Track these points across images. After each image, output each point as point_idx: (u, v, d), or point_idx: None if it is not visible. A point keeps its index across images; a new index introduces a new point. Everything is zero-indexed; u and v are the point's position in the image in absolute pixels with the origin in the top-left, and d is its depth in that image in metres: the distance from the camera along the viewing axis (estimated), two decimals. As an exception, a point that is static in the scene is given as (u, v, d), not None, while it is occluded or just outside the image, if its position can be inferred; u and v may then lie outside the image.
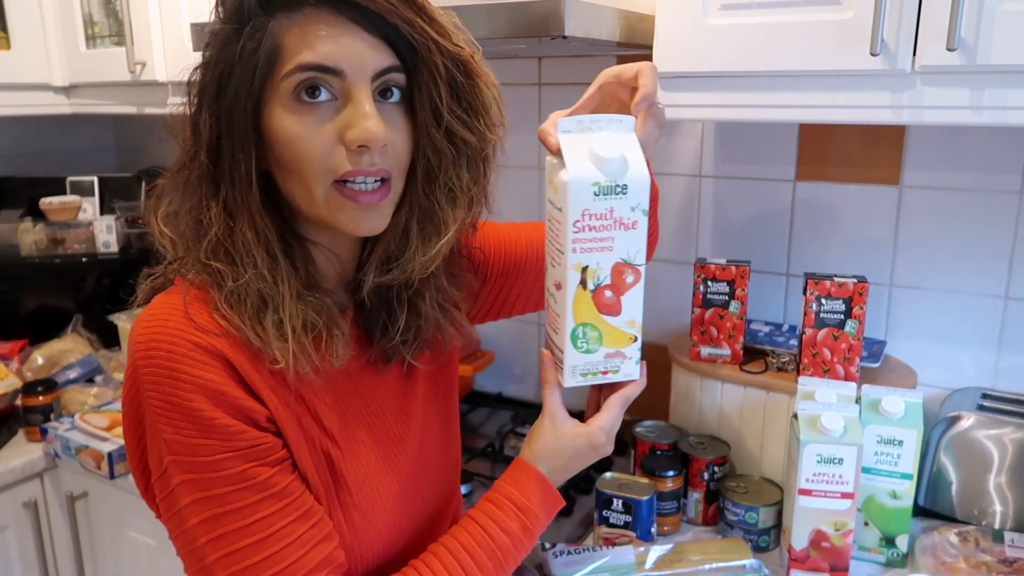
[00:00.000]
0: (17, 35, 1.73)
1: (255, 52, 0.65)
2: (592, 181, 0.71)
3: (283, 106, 0.66)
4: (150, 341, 0.66)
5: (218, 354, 0.66)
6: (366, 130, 0.66)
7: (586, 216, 0.72)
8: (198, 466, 0.65)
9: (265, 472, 0.67)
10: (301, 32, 0.65)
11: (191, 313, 0.67)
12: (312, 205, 0.69)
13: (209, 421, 0.65)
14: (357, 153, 0.67)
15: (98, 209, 1.97)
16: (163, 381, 0.65)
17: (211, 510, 0.66)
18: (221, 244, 0.68)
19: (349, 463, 0.75)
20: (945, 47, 0.89)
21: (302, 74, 0.65)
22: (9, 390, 1.58)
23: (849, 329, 1.18)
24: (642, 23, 1.14)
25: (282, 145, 0.67)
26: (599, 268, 0.74)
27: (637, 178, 0.72)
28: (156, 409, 0.66)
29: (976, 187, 1.25)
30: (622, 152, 0.71)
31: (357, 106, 0.66)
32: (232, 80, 0.66)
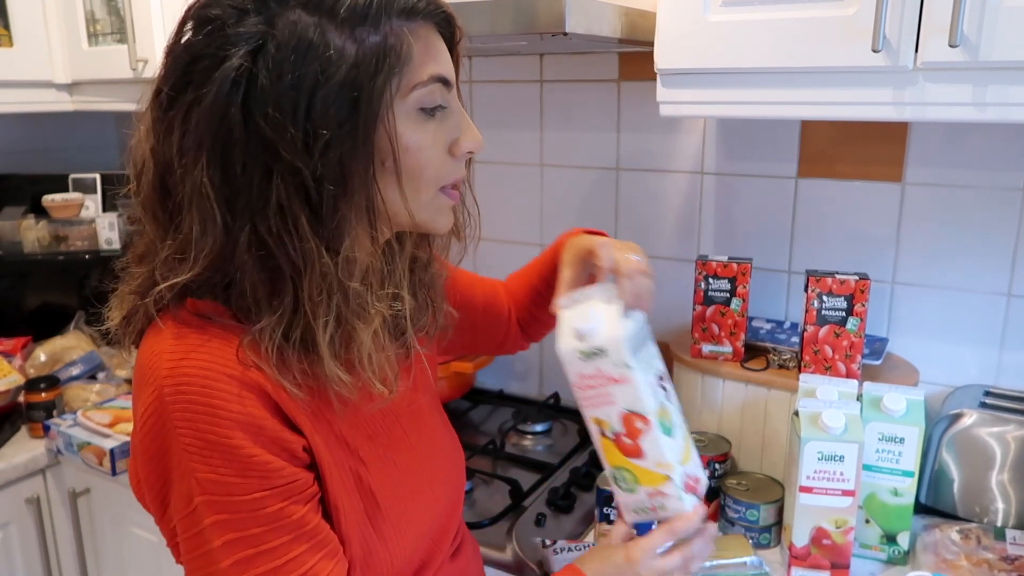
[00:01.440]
0: (19, 32, 1.73)
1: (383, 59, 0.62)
2: (576, 349, 0.81)
3: (406, 114, 0.65)
4: (179, 374, 0.62)
5: (255, 385, 0.63)
6: (479, 140, 0.71)
7: (581, 378, 0.83)
8: (234, 505, 0.63)
9: (299, 511, 0.66)
10: (425, 44, 0.66)
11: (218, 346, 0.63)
12: (417, 210, 0.69)
13: (248, 459, 0.62)
14: (462, 160, 0.71)
15: (100, 206, 1.97)
16: (198, 417, 0.61)
17: (244, 551, 0.64)
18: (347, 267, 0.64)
19: (376, 479, 0.75)
20: (947, 43, 0.89)
21: (433, 85, 0.66)
22: (12, 387, 1.59)
23: (851, 326, 1.18)
24: (643, 20, 1.14)
25: (408, 153, 0.66)
26: (610, 419, 0.83)
27: (611, 339, 0.80)
28: (188, 447, 0.62)
29: (979, 184, 1.25)
30: (597, 320, 0.82)
31: (465, 117, 0.71)
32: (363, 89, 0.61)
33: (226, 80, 0.60)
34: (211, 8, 0.62)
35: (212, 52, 0.61)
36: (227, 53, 0.60)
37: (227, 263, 0.64)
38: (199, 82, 0.61)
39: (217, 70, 0.60)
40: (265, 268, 0.63)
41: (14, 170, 2.08)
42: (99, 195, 1.97)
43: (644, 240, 1.56)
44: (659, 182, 1.52)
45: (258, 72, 0.60)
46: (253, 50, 0.60)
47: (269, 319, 0.64)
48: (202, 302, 0.67)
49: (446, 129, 0.69)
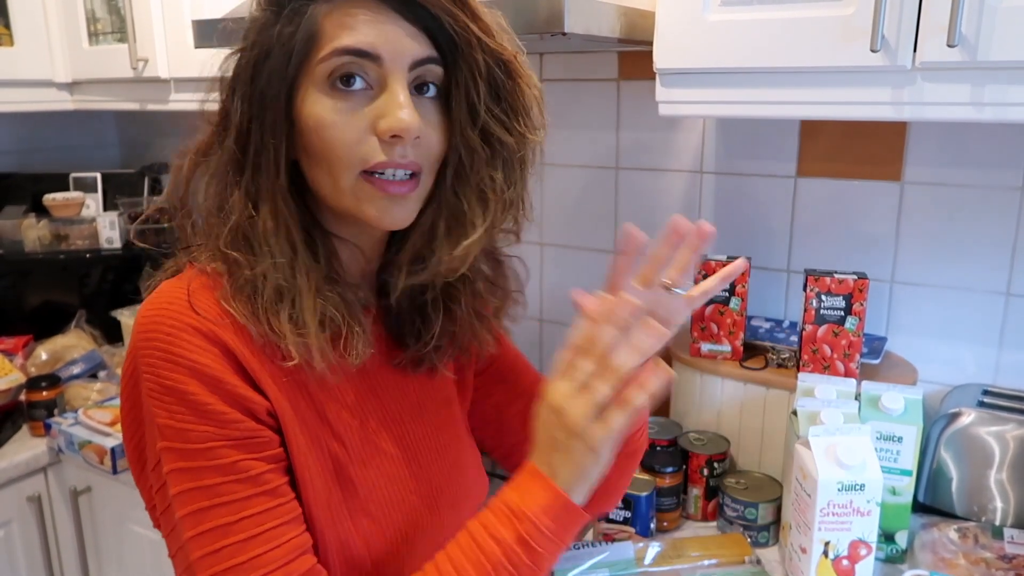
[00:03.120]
0: (20, 32, 1.73)
1: (292, 35, 0.64)
2: (837, 480, 0.96)
3: (317, 91, 0.65)
4: (151, 323, 0.64)
5: (217, 340, 0.64)
6: (400, 120, 0.64)
7: (830, 504, 0.97)
8: (189, 453, 0.63)
9: (259, 467, 0.64)
10: (341, 16, 0.64)
11: (194, 298, 0.65)
12: (338, 195, 0.67)
13: (203, 406, 0.63)
14: (389, 144, 0.65)
15: (101, 205, 1.97)
16: (159, 364, 0.63)
17: (199, 502, 0.63)
18: (241, 232, 0.67)
19: (358, 467, 0.72)
20: (946, 43, 0.89)
21: (339, 58, 0.64)
22: (13, 385, 1.59)
23: (849, 325, 1.18)
24: (643, 19, 1.14)
25: (312, 131, 0.65)
26: (839, 543, 0.99)
27: (874, 479, 0.97)
28: (151, 392, 0.64)
29: (977, 183, 1.25)
30: (863, 456, 0.97)
31: (392, 95, 0.65)
32: (268, 63, 0.65)
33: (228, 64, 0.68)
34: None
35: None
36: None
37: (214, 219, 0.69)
38: None
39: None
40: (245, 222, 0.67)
41: (15, 169, 2.08)
42: (100, 194, 1.97)
43: (644, 239, 1.56)
44: (658, 181, 1.52)
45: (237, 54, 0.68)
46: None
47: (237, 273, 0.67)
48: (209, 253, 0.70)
49: (374, 108, 0.65)
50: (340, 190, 0.67)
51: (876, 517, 0.98)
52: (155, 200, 2.01)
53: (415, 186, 0.69)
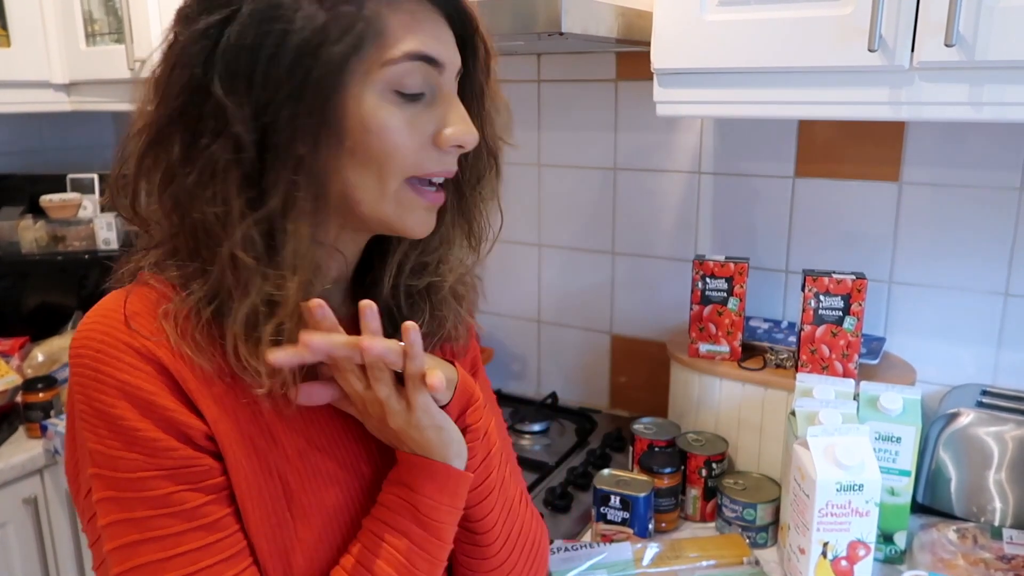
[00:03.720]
0: (17, 33, 1.73)
1: (351, 26, 0.58)
2: (836, 480, 0.96)
3: (377, 93, 0.61)
4: (82, 339, 0.59)
5: (152, 358, 0.59)
6: (467, 132, 0.64)
7: (829, 505, 0.97)
8: (120, 483, 0.58)
9: (196, 499, 0.59)
10: (409, 17, 0.61)
11: (130, 311, 0.60)
12: (379, 200, 0.63)
13: (134, 432, 0.58)
14: (447, 153, 0.65)
15: (98, 206, 1.97)
16: (88, 384, 0.58)
17: (129, 535, 0.58)
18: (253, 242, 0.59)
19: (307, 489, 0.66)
20: (943, 43, 0.89)
21: (410, 63, 0.61)
22: (9, 387, 1.59)
23: (848, 326, 1.18)
24: (640, 20, 1.14)
25: (371, 134, 0.61)
26: (838, 544, 0.99)
27: (873, 479, 0.97)
28: (82, 414, 0.59)
29: (976, 184, 1.25)
30: (862, 457, 0.97)
31: (453, 106, 0.64)
32: (319, 57, 0.58)
33: (195, 35, 0.59)
34: None
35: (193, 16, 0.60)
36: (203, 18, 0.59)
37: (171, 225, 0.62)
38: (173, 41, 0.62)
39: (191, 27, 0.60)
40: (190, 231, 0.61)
41: (12, 170, 2.08)
42: (97, 195, 1.97)
43: (642, 239, 1.56)
44: (656, 182, 1.52)
45: (225, 32, 0.58)
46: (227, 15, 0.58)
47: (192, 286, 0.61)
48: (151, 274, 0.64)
49: (433, 116, 0.64)
50: (384, 196, 0.64)
51: (875, 518, 0.97)
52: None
53: (445, 195, 0.69)
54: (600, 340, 1.66)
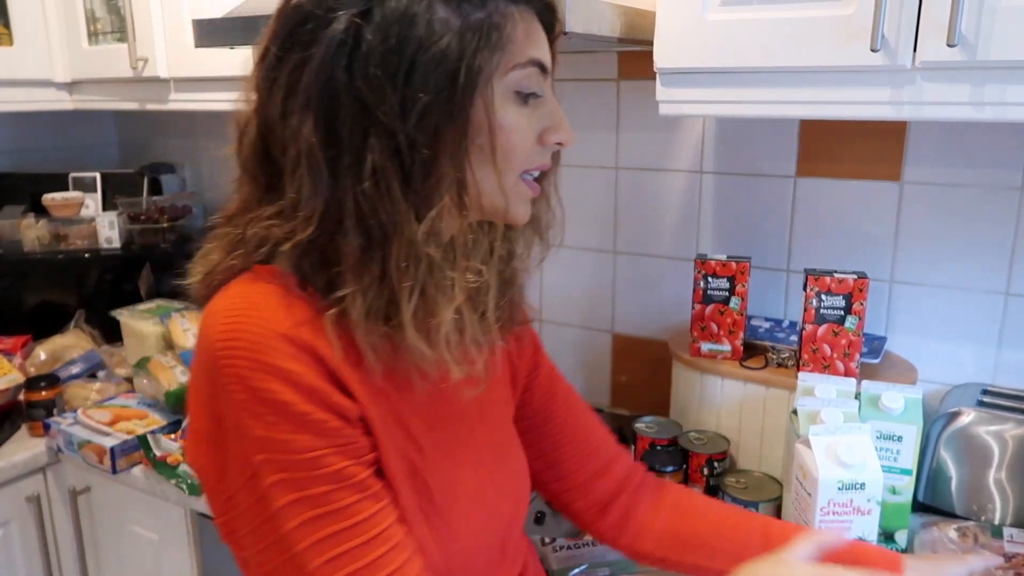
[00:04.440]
0: (19, 31, 1.73)
1: (486, 35, 0.63)
2: (837, 478, 0.96)
3: (505, 93, 0.66)
4: (233, 331, 0.61)
5: (307, 347, 0.62)
6: (570, 133, 0.72)
7: (830, 504, 0.97)
8: (293, 464, 0.61)
9: (361, 472, 0.64)
10: (525, 27, 0.67)
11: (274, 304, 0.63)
12: (495, 194, 0.68)
13: (303, 416, 0.61)
14: (549, 150, 0.72)
15: (100, 205, 1.97)
16: (249, 375, 0.60)
17: (309, 511, 0.61)
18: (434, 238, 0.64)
19: (434, 473, 0.71)
20: (945, 43, 0.89)
21: (531, 68, 0.67)
22: (12, 385, 1.59)
23: (849, 325, 1.18)
24: (643, 19, 1.14)
25: (501, 132, 0.66)
26: None
27: (875, 479, 0.96)
28: (242, 404, 0.60)
29: (977, 183, 1.25)
30: (863, 455, 0.97)
31: (556, 108, 0.71)
32: (462, 61, 0.62)
33: (333, 41, 0.61)
34: None
35: (320, 14, 0.62)
36: (334, 15, 0.61)
37: (331, 225, 0.63)
38: (306, 43, 0.63)
39: (324, 31, 0.61)
40: (359, 232, 0.63)
41: (14, 169, 2.08)
42: (99, 194, 1.97)
43: (643, 239, 1.56)
44: (658, 181, 1.52)
45: (363, 35, 0.61)
46: (360, 13, 0.61)
47: (356, 284, 0.63)
48: (271, 267, 0.67)
49: (538, 117, 0.70)
50: (502, 189, 0.69)
51: (876, 516, 0.98)
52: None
53: None
54: (601, 339, 1.66)
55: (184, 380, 1.54)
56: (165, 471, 1.41)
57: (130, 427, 1.51)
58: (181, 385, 1.53)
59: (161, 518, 1.49)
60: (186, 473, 1.40)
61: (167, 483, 1.40)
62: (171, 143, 2.23)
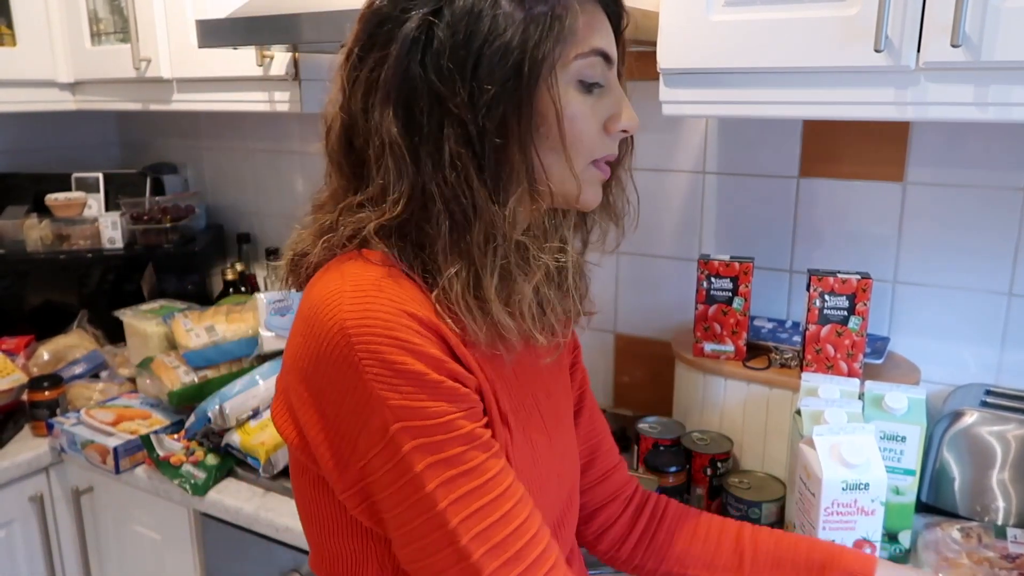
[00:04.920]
0: (23, 32, 1.74)
1: (549, 26, 0.66)
2: (841, 479, 0.97)
3: (569, 82, 0.68)
4: (364, 311, 0.64)
5: (432, 326, 0.66)
6: (635, 120, 0.73)
7: (835, 504, 0.97)
8: (430, 429, 0.65)
9: (486, 433, 0.68)
10: (588, 18, 0.69)
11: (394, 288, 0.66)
12: (568, 180, 0.71)
13: (437, 383, 0.65)
14: (615, 138, 0.73)
15: (103, 205, 1.97)
16: (384, 349, 0.63)
17: (447, 471, 0.65)
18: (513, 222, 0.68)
19: (516, 448, 0.75)
20: (949, 43, 0.89)
21: (595, 58, 0.69)
22: (15, 385, 1.59)
23: (852, 325, 1.18)
24: (646, 19, 1.14)
25: (565, 121, 0.68)
26: (844, 543, 0.98)
27: (878, 478, 0.97)
28: (377, 378, 0.64)
29: (980, 184, 1.25)
30: (868, 455, 0.97)
31: (621, 97, 0.73)
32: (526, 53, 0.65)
33: (407, 38, 0.66)
34: None
35: (396, 15, 0.67)
36: (408, 15, 0.66)
37: (418, 208, 0.68)
38: (384, 42, 0.67)
39: (399, 29, 0.66)
40: (445, 215, 0.67)
41: (17, 169, 2.08)
42: (102, 194, 1.97)
43: (646, 239, 1.56)
44: (661, 181, 1.52)
45: (435, 31, 0.65)
46: (432, 11, 0.65)
47: (449, 266, 0.67)
48: (373, 252, 0.70)
49: (604, 105, 0.71)
50: (572, 175, 0.70)
51: (880, 516, 0.98)
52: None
53: None
54: (604, 339, 1.66)
55: (187, 380, 1.54)
56: (168, 471, 1.41)
57: (133, 427, 1.51)
58: (184, 385, 1.53)
59: (164, 518, 1.49)
60: (189, 473, 1.40)
61: (170, 483, 1.40)
62: (174, 143, 2.24)
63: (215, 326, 1.61)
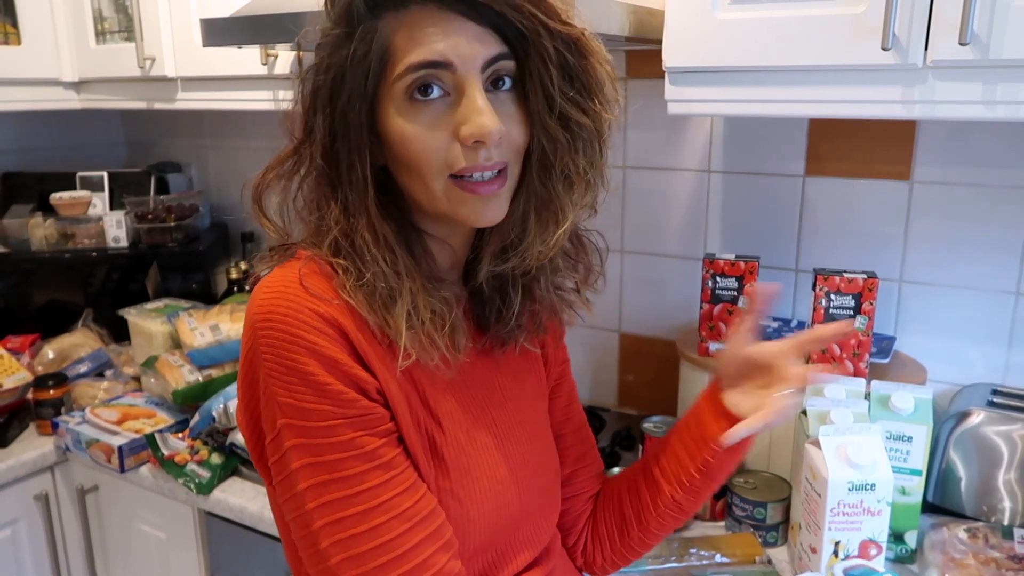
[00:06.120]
0: (27, 31, 1.74)
1: (366, 56, 0.66)
2: (847, 479, 0.97)
3: (396, 107, 0.67)
4: (269, 306, 0.67)
5: (334, 323, 0.67)
6: (481, 126, 0.65)
7: (841, 504, 0.98)
8: (310, 431, 0.66)
9: (374, 442, 0.68)
10: (409, 32, 0.66)
11: (308, 282, 0.68)
12: (432, 200, 0.70)
13: (323, 386, 0.66)
14: (473, 148, 0.67)
15: (107, 204, 1.98)
16: (280, 345, 0.66)
17: (320, 476, 0.66)
18: (343, 242, 0.70)
19: (452, 449, 0.75)
20: (957, 41, 0.89)
21: (413, 74, 0.66)
22: (20, 384, 1.59)
23: (859, 325, 1.18)
24: (652, 17, 1.14)
25: (398, 144, 0.68)
26: (849, 543, 0.99)
27: (885, 479, 0.97)
28: (271, 372, 0.66)
29: (987, 182, 1.24)
30: (874, 456, 0.98)
31: (470, 101, 0.66)
32: (345, 85, 0.67)
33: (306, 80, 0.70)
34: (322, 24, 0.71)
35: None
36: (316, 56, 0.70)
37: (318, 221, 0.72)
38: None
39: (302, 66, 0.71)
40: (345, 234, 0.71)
41: (22, 168, 2.09)
42: (106, 193, 1.98)
43: (651, 238, 1.56)
44: (666, 180, 1.52)
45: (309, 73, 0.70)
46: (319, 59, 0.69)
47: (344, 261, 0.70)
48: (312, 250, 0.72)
49: (454, 114, 0.67)
50: (433, 195, 0.69)
51: (886, 517, 0.97)
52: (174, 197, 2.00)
53: (503, 182, 0.70)
54: (608, 338, 1.66)
55: (191, 379, 1.54)
56: (173, 470, 1.41)
57: (138, 426, 1.51)
58: (188, 384, 1.53)
59: (169, 517, 1.49)
60: (194, 472, 1.40)
61: (175, 482, 1.41)
62: (178, 142, 2.24)
63: (219, 325, 1.61)
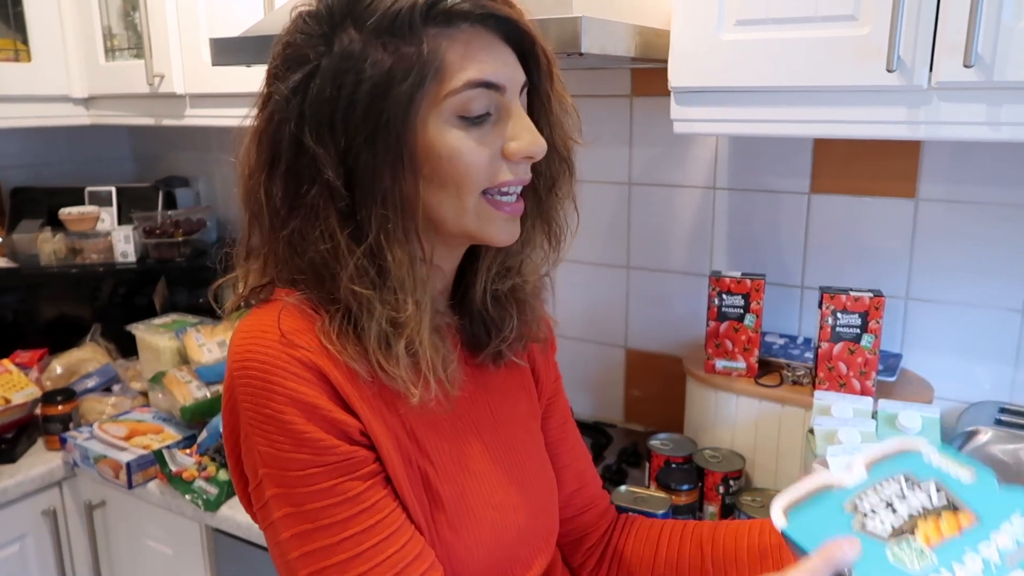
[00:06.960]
0: (37, 48, 1.75)
1: (413, 68, 0.64)
2: None
3: (444, 121, 0.67)
4: (246, 353, 0.66)
5: (313, 366, 0.66)
6: (532, 143, 0.69)
7: None
8: (290, 480, 0.66)
9: (357, 486, 0.67)
10: (464, 49, 0.66)
11: (286, 326, 0.67)
12: (461, 216, 0.70)
13: (300, 435, 0.65)
14: (517, 164, 0.70)
15: (116, 219, 1.99)
16: (258, 393, 0.65)
17: (301, 525, 0.66)
18: (366, 271, 0.67)
19: (444, 481, 0.74)
20: (962, 63, 0.89)
21: (471, 91, 0.66)
22: (28, 399, 1.60)
23: (865, 343, 1.18)
24: (657, 38, 1.15)
25: (444, 160, 0.67)
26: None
27: None
28: (251, 420, 0.66)
29: (993, 200, 1.24)
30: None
31: (519, 119, 0.69)
32: (388, 98, 0.64)
33: (286, 96, 0.66)
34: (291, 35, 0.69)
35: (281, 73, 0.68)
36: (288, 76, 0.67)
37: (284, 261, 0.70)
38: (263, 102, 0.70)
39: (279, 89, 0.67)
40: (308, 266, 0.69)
41: (31, 183, 2.10)
42: (115, 208, 1.99)
43: (657, 255, 1.56)
44: (672, 197, 1.52)
45: (310, 89, 0.66)
46: (309, 72, 0.66)
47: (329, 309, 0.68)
48: (287, 290, 0.72)
49: (501, 132, 0.69)
50: (464, 211, 0.69)
51: None
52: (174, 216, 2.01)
53: (524, 204, 0.74)
54: (614, 354, 1.66)
55: (199, 395, 1.55)
56: (180, 486, 1.42)
57: (146, 442, 1.52)
58: (196, 400, 1.54)
59: (176, 533, 1.49)
60: (201, 488, 1.41)
61: (182, 498, 1.41)
62: (186, 157, 2.25)
63: (227, 341, 1.61)
